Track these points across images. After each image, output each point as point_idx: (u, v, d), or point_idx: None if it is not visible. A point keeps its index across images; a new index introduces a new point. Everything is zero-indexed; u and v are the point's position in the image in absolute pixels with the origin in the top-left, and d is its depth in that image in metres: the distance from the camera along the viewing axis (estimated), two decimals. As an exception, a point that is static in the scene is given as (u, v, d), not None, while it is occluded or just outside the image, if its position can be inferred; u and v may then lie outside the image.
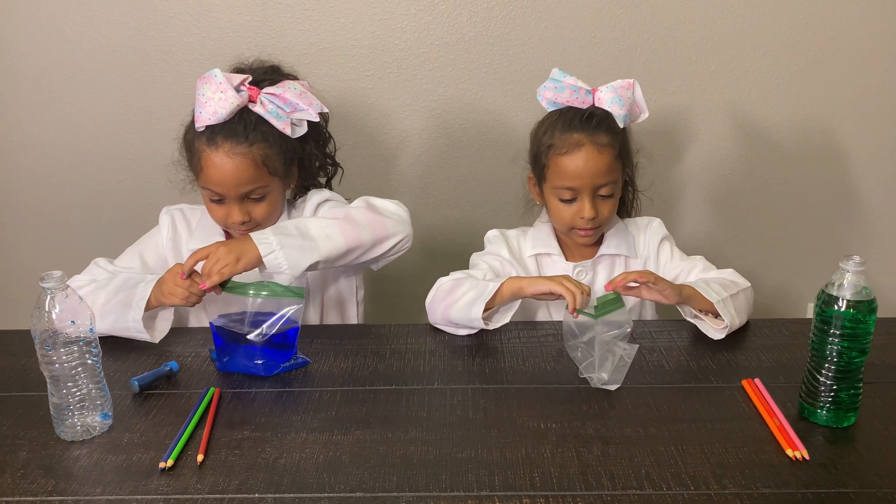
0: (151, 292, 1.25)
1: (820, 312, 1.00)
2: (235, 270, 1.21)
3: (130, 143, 1.90)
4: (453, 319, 1.29)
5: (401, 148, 1.92)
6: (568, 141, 1.33)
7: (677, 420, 1.04)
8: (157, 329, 1.29)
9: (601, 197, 1.36)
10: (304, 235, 1.27)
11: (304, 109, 1.33)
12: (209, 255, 1.21)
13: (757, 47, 1.83)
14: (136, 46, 1.81)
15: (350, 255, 1.31)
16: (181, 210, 1.47)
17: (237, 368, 1.18)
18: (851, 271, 0.97)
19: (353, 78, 1.85)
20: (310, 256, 1.26)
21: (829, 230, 2.02)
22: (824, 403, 1.02)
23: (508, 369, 1.18)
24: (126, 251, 1.44)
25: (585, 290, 1.19)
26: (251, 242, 1.24)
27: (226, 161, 1.29)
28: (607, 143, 1.33)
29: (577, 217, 1.36)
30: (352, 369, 1.19)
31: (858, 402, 1.03)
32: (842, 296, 0.97)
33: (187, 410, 1.08)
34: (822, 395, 1.02)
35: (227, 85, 1.28)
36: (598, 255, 1.43)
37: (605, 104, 1.35)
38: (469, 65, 1.84)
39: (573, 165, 1.33)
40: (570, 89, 1.35)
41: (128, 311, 1.25)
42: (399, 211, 1.38)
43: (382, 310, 2.00)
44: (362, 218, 1.33)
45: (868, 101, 1.89)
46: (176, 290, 1.23)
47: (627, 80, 1.36)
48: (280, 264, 1.24)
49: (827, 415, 1.02)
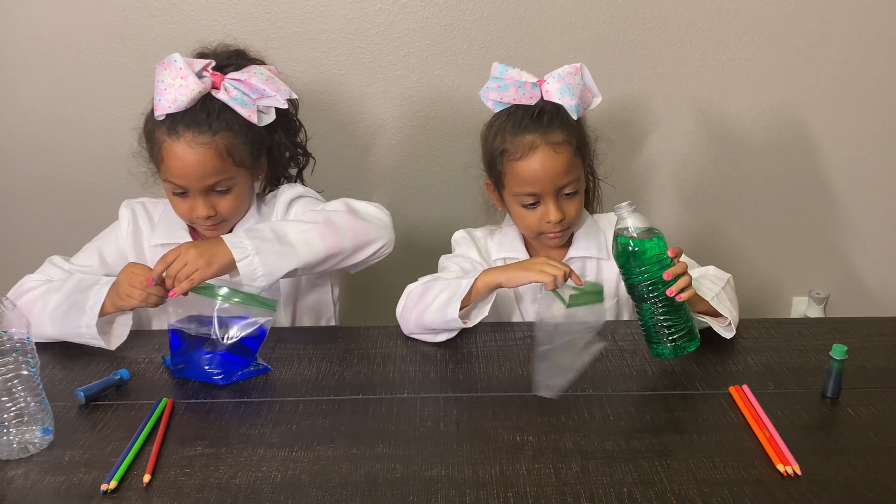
0: (107, 296, 1.17)
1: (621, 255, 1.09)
2: (205, 276, 1.12)
3: (89, 133, 1.80)
4: (428, 324, 1.21)
5: (375, 137, 1.84)
6: (521, 144, 1.25)
7: (661, 431, 0.98)
8: (113, 335, 1.20)
9: (565, 196, 1.28)
10: (282, 240, 1.19)
11: (271, 96, 1.25)
12: (178, 257, 1.13)
13: (732, 35, 1.76)
14: (94, 29, 1.71)
15: (329, 262, 1.24)
16: (142, 203, 1.39)
17: (193, 375, 1.10)
18: (627, 214, 1.08)
19: (324, 63, 1.76)
20: (287, 263, 1.18)
21: (803, 221, 1.98)
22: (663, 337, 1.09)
23: (483, 375, 1.12)
24: (84, 248, 1.36)
25: (566, 271, 1.12)
26: (224, 246, 1.15)
27: (188, 152, 1.21)
28: (563, 141, 1.25)
29: (542, 222, 1.28)
30: (316, 377, 1.11)
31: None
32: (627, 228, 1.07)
33: (137, 424, 1.00)
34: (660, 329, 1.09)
35: (188, 70, 1.19)
36: (567, 257, 1.35)
37: (555, 96, 1.26)
38: (446, 50, 1.76)
39: (531, 170, 1.25)
40: (515, 86, 1.27)
41: (81, 316, 1.16)
42: (381, 215, 1.30)
43: (360, 308, 1.92)
44: (343, 222, 1.25)
45: (843, 92, 1.83)
46: (133, 291, 1.14)
47: (574, 65, 1.27)
48: (255, 271, 1.16)
49: (672, 346, 1.10)
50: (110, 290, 1.17)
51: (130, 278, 1.15)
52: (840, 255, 2.03)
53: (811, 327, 1.25)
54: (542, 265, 1.13)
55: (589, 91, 1.30)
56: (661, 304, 1.08)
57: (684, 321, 1.10)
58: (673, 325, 1.09)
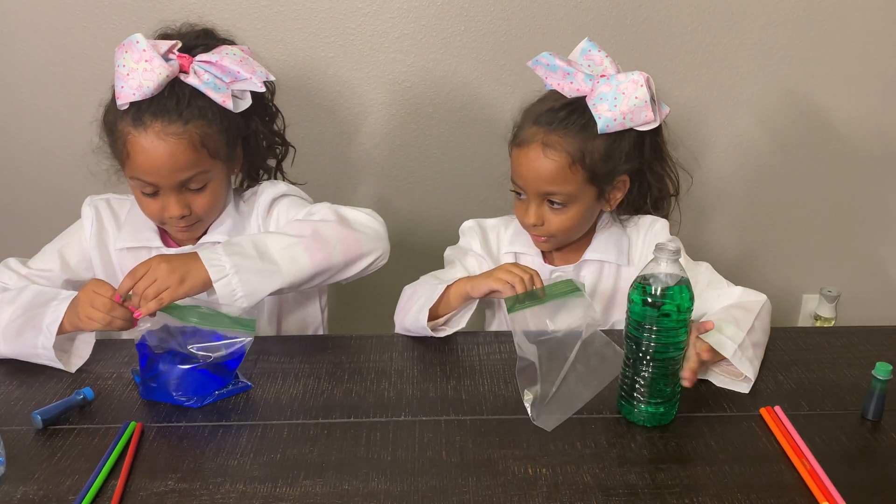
0: (65, 314, 1.04)
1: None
2: (177, 295, 1.00)
3: (43, 123, 1.67)
4: (410, 329, 1.14)
5: (363, 125, 1.72)
6: (526, 132, 1.15)
7: (689, 461, 0.88)
8: (74, 355, 1.08)
9: (551, 204, 1.16)
10: (264, 256, 1.07)
11: (246, 78, 1.12)
12: (147, 272, 1.01)
13: (745, 22, 1.66)
14: (44, 5, 1.56)
15: (317, 279, 1.12)
16: (107, 201, 1.26)
17: (163, 397, 0.98)
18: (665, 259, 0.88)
19: (309, 45, 1.63)
20: (270, 283, 1.07)
21: (814, 217, 1.89)
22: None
23: (488, 395, 1.01)
24: (44, 249, 1.23)
25: (527, 277, 1.03)
26: (199, 263, 1.03)
27: (157, 144, 1.09)
28: (563, 148, 1.11)
29: (524, 217, 1.19)
30: (302, 396, 1.00)
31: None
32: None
33: (101, 452, 0.88)
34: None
35: (153, 53, 1.06)
36: (581, 259, 1.24)
37: (593, 99, 1.11)
38: (441, 32, 1.64)
39: (517, 161, 1.16)
40: (564, 71, 1.13)
41: (37, 335, 1.04)
42: (374, 224, 1.17)
43: (350, 313, 1.81)
44: (333, 234, 1.12)
45: (858, 85, 1.74)
46: (94, 313, 1.01)
47: (642, 74, 1.09)
48: (234, 292, 1.04)
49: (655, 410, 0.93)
50: (70, 307, 1.04)
51: (93, 299, 1.01)
52: (852, 251, 1.94)
53: (842, 337, 1.16)
54: (501, 271, 1.06)
55: (647, 108, 1.10)
56: (657, 370, 0.91)
57: (672, 390, 0.93)
58: (658, 392, 0.92)
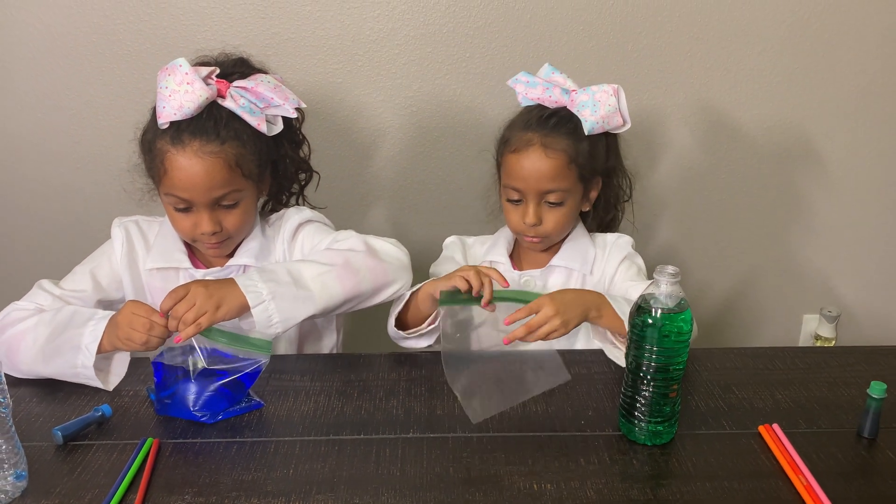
0: (104, 333, 1.07)
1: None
2: (214, 320, 1.04)
3: (76, 144, 1.71)
4: (392, 337, 1.21)
5: (374, 147, 1.76)
6: (521, 139, 1.25)
7: (689, 477, 0.90)
8: (111, 373, 1.11)
9: (549, 204, 1.26)
10: (298, 283, 1.11)
11: (279, 105, 1.17)
12: (186, 295, 1.04)
13: (743, 44, 1.70)
14: (79, 32, 1.62)
15: (346, 306, 1.16)
16: (136, 223, 1.29)
17: (178, 413, 1.02)
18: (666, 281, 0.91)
19: (320, 72, 1.68)
20: (304, 309, 1.11)
21: (813, 236, 1.92)
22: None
23: (494, 413, 1.03)
24: (75, 270, 1.26)
25: (490, 278, 1.10)
26: (236, 288, 1.07)
27: (194, 162, 1.13)
28: (560, 148, 1.23)
29: (520, 221, 1.27)
30: (314, 413, 1.03)
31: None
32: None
33: (119, 467, 0.92)
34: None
35: (195, 76, 1.11)
36: (548, 265, 1.32)
37: (576, 107, 1.24)
38: (447, 58, 1.68)
39: (518, 165, 1.24)
40: (544, 86, 1.26)
41: (76, 355, 1.07)
42: (399, 255, 1.22)
43: (363, 331, 1.83)
44: (362, 263, 1.16)
45: (857, 105, 1.78)
46: (133, 334, 1.05)
47: (611, 86, 1.24)
48: (270, 318, 1.08)
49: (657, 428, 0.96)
50: (108, 327, 1.08)
51: (131, 320, 1.05)
52: (852, 272, 1.97)
53: (840, 357, 1.18)
54: (461, 271, 1.12)
55: (619, 114, 1.25)
56: (657, 389, 0.94)
57: (672, 409, 0.96)
58: (658, 412, 0.95)
